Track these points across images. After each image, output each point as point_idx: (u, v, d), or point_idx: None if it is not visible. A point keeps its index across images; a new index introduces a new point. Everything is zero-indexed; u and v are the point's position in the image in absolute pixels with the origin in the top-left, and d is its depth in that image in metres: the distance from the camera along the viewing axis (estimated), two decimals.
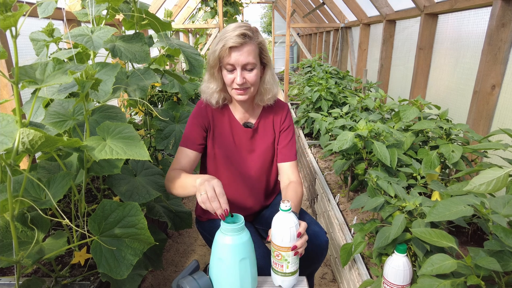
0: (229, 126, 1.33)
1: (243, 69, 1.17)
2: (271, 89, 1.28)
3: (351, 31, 5.23)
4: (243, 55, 1.14)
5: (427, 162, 1.48)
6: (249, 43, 1.15)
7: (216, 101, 1.28)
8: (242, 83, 1.18)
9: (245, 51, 1.14)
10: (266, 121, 1.36)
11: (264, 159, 1.36)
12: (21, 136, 0.76)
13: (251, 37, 1.16)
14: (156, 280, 1.91)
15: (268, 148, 1.36)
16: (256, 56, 1.18)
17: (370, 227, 1.28)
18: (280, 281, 1.05)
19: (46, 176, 1.19)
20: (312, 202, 2.69)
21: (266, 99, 1.29)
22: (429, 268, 0.89)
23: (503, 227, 0.89)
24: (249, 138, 1.34)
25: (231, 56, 1.15)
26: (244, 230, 0.97)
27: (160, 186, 1.46)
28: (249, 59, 1.15)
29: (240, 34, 1.13)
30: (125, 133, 1.05)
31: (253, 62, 1.17)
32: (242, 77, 1.17)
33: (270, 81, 1.27)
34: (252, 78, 1.19)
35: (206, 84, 1.27)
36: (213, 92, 1.26)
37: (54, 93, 1.17)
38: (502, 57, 1.87)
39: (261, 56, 1.21)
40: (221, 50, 1.14)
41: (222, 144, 1.32)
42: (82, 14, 1.50)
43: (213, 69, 1.22)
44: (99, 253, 1.00)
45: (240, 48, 1.14)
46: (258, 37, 1.19)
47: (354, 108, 2.48)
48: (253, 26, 1.21)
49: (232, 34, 1.13)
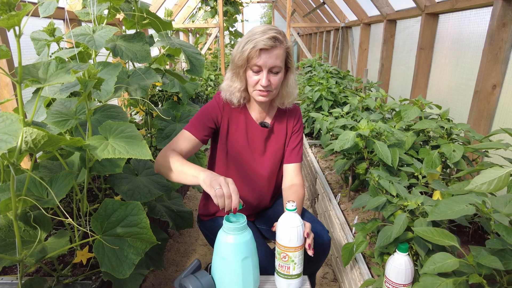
0: (245, 125, 1.33)
1: (269, 71, 1.18)
2: (292, 92, 1.29)
3: (351, 30, 5.23)
4: (272, 58, 1.15)
5: (428, 161, 1.48)
6: (279, 47, 1.16)
7: (238, 100, 1.27)
8: (267, 85, 1.19)
9: (274, 54, 1.15)
10: (281, 122, 1.37)
11: (274, 160, 1.36)
12: (25, 135, 0.76)
13: (281, 41, 1.16)
14: (157, 279, 1.91)
15: (279, 149, 1.37)
16: (283, 60, 1.19)
17: (371, 227, 1.28)
18: (286, 284, 1.03)
19: (48, 175, 1.19)
20: (313, 202, 2.69)
21: (286, 102, 1.31)
22: (431, 266, 0.89)
23: (505, 226, 0.89)
24: (263, 139, 1.34)
25: (261, 57, 1.15)
26: (246, 229, 0.98)
27: (161, 186, 1.46)
28: (277, 62, 1.16)
29: (271, 37, 1.13)
30: (127, 133, 1.05)
31: (279, 66, 1.18)
32: (267, 79, 1.18)
33: (292, 85, 1.28)
34: (277, 81, 1.20)
35: (229, 83, 1.26)
36: (236, 91, 1.25)
37: (56, 93, 1.17)
38: (503, 56, 1.87)
39: (286, 61, 1.22)
40: (251, 51, 1.14)
41: (236, 142, 1.32)
42: (84, 14, 1.51)
43: (239, 69, 1.21)
44: (102, 252, 1.00)
45: (271, 50, 1.15)
46: (286, 41, 1.20)
47: (355, 108, 2.48)
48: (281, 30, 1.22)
49: (263, 36, 1.13)
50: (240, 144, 1.33)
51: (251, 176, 1.35)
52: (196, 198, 3.02)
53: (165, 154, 1.18)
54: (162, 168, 1.17)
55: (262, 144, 1.35)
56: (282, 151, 1.38)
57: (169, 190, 1.48)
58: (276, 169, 1.39)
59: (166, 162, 1.16)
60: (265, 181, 1.37)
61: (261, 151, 1.35)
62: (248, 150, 1.34)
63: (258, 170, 1.35)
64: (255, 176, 1.35)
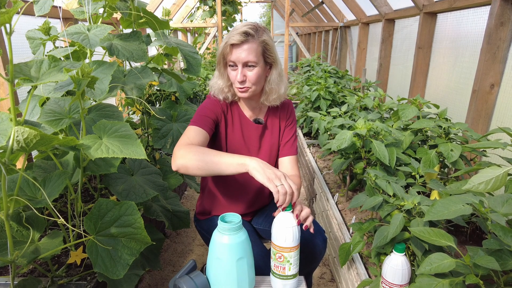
0: (239, 122, 1.34)
1: (244, 66, 1.19)
2: (276, 89, 1.27)
3: (350, 30, 5.22)
4: (243, 52, 1.16)
5: (426, 161, 1.47)
6: (251, 41, 1.16)
7: (224, 97, 1.29)
8: (241, 80, 1.19)
9: (245, 48, 1.16)
10: (274, 118, 1.38)
11: (270, 156, 1.37)
12: (16, 134, 0.75)
13: (252, 35, 1.16)
14: (153, 280, 1.90)
15: (274, 145, 1.37)
16: (258, 54, 1.18)
17: (368, 227, 1.27)
18: (282, 285, 1.02)
19: (42, 175, 1.18)
20: (310, 201, 2.68)
21: (271, 99, 1.29)
22: (428, 267, 0.88)
23: (502, 226, 0.88)
24: (258, 135, 1.35)
25: (232, 53, 1.17)
26: (241, 229, 0.97)
27: (157, 186, 1.45)
28: (249, 57, 1.16)
29: (242, 32, 1.15)
30: (122, 132, 1.04)
31: (253, 61, 1.17)
32: (242, 74, 1.19)
33: (275, 81, 1.26)
34: (252, 76, 1.19)
35: (215, 80, 1.29)
36: (222, 88, 1.27)
37: (51, 92, 1.16)
38: (501, 56, 1.86)
39: (264, 55, 1.21)
40: (224, 47, 1.18)
41: (232, 140, 1.33)
42: (79, 12, 1.49)
43: (219, 66, 1.24)
44: (95, 253, 0.99)
45: (241, 45, 1.16)
46: (262, 35, 1.18)
47: (353, 107, 2.47)
48: (262, 25, 1.22)
49: (235, 32, 1.16)
50: (237, 141, 1.33)
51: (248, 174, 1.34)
52: (194, 198, 3.01)
53: (186, 150, 1.06)
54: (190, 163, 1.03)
55: (257, 141, 1.35)
56: (277, 147, 1.39)
57: (165, 190, 1.47)
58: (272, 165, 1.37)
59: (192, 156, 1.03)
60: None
61: (256, 148, 1.35)
62: (244, 148, 1.34)
63: None
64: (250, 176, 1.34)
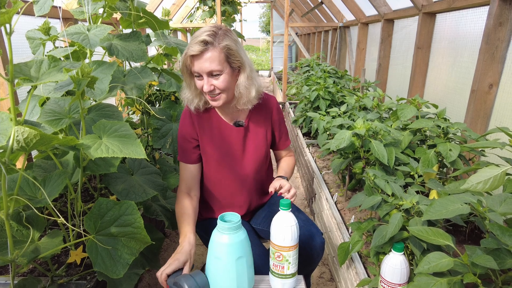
0: (218, 129, 1.31)
1: (210, 75, 1.13)
2: (246, 93, 1.20)
3: (349, 30, 5.23)
4: (205, 62, 1.10)
5: (424, 160, 1.48)
6: (210, 49, 1.09)
7: (195, 107, 1.26)
8: (209, 90, 1.14)
9: (206, 58, 1.09)
10: (257, 118, 1.35)
11: (257, 156, 1.36)
12: (16, 134, 0.75)
13: (211, 43, 1.09)
14: (153, 279, 1.91)
15: (261, 144, 1.35)
16: (221, 61, 1.11)
17: (367, 226, 1.28)
18: (281, 284, 1.03)
19: (42, 175, 1.18)
20: (310, 201, 2.69)
21: (242, 102, 1.23)
22: (426, 266, 0.89)
23: (500, 225, 0.89)
24: (241, 138, 1.32)
25: (194, 64, 1.12)
26: (240, 228, 0.97)
27: (157, 185, 1.46)
28: (212, 66, 1.10)
29: (200, 41, 1.08)
30: (121, 132, 1.04)
31: (218, 69, 1.11)
32: (209, 84, 1.13)
33: (243, 85, 1.19)
34: (220, 84, 1.14)
35: (184, 91, 1.26)
36: (192, 98, 1.24)
37: (50, 92, 1.16)
38: (499, 56, 1.87)
39: (229, 61, 1.14)
40: (185, 59, 1.13)
41: (215, 148, 1.31)
42: (79, 12, 1.50)
43: (185, 77, 1.20)
44: (95, 252, 1.00)
45: (201, 56, 1.10)
46: (222, 41, 1.11)
47: (352, 107, 2.47)
48: (224, 27, 1.15)
49: (194, 41, 1.09)
50: (219, 147, 1.31)
51: (237, 177, 1.34)
52: None
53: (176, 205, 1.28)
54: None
55: (240, 144, 1.33)
56: (264, 146, 1.36)
57: (164, 189, 1.48)
58: (260, 166, 1.37)
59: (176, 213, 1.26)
60: (251, 180, 1.36)
61: (242, 150, 1.33)
62: (229, 152, 1.32)
63: (242, 170, 1.34)
64: (240, 176, 1.35)
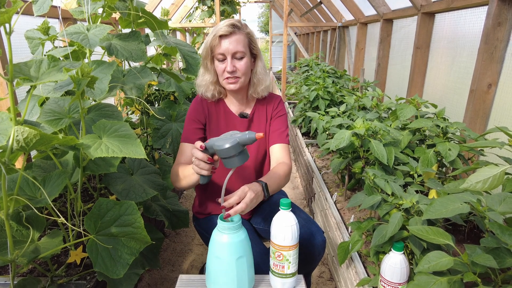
0: (225, 118, 1.36)
1: (233, 57, 1.23)
2: (264, 79, 1.33)
3: (348, 30, 5.23)
4: (232, 43, 1.21)
5: (424, 160, 1.48)
6: (238, 32, 1.22)
7: (212, 94, 1.32)
8: (232, 70, 1.23)
9: (234, 39, 1.21)
10: (260, 111, 1.39)
11: (258, 149, 1.38)
12: (16, 134, 0.75)
13: (239, 27, 1.23)
14: (153, 279, 1.91)
15: (263, 138, 1.38)
16: (245, 45, 1.24)
17: (367, 225, 1.28)
18: (281, 284, 1.03)
19: (42, 174, 1.18)
20: (309, 201, 2.69)
21: (259, 90, 1.33)
22: (426, 265, 0.89)
23: (499, 224, 0.89)
24: (245, 128, 1.37)
25: (221, 44, 1.21)
26: (241, 228, 0.97)
27: (157, 185, 1.45)
28: (238, 47, 1.21)
29: (229, 24, 1.21)
30: (121, 131, 1.04)
31: (242, 51, 1.22)
32: (232, 65, 1.23)
33: (262, 72, 1.32)
34: (242, 66, 1.24)
35: (201, 77, 1.32)
36: (208, 84, 1.31)
37: (50, 91, 1.16)
38: (498, 56, 1.87)
39: (250, 47, 1.27)
40: (212, 39, 1.21)
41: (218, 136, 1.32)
42: (78, 12, 1.49)
43: (206, 60, 1.27)
44: (95, 252, 1.00)
45: (230, 36, 1.21)
46: (246, 28, 1.26)
47: (352, 107, 2.47)
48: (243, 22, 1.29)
49: (222, 25, 1.21)
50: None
51: (238, 169, 1.36)
52: (192, 198, 3.01)
53: (172, 171, 1.28)
54: (177, 184, 1.23)
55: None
56: (264, 139, 1.40)
57: (164, 189, 1.48)
58: (261, 158, 1.40)
59: (175, 177, 1.24)
60: (252, 172, 1.38)
61: None
62: None
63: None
64: (242, 168, 1.37)
